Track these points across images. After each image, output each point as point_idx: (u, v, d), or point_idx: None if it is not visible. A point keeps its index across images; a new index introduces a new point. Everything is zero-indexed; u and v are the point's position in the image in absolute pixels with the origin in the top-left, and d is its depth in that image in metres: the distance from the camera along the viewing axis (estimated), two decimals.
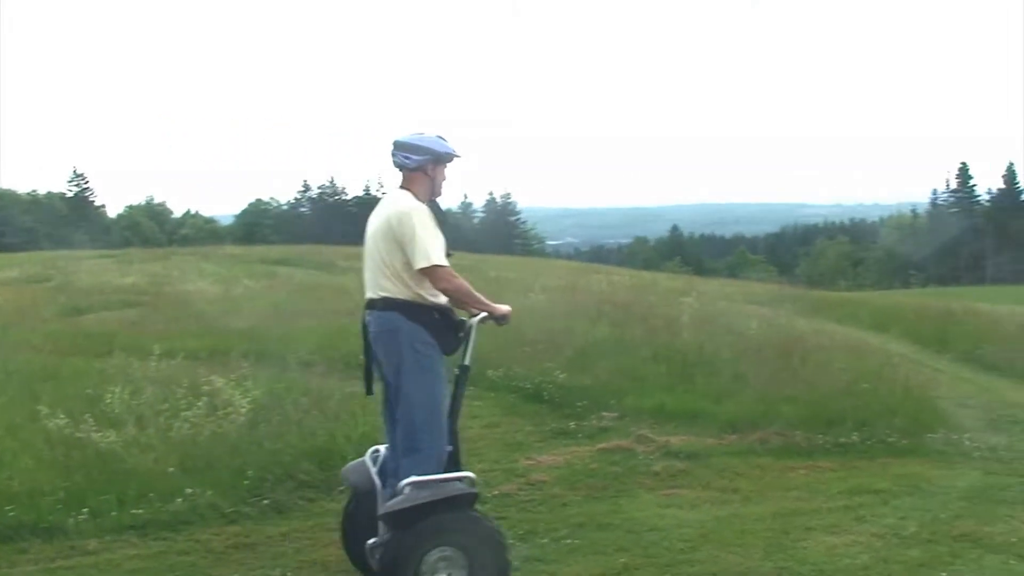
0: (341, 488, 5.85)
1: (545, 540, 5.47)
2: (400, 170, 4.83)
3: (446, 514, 4.43)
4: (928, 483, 6.72)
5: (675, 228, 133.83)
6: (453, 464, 4.73)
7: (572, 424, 8.10)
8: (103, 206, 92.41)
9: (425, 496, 4.36)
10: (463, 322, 4.89)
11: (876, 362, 9.79)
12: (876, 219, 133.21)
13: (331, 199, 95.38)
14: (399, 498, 4.39)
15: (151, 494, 5.71)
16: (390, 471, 4.74)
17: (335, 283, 22.12)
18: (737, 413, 8.12)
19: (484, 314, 4.94)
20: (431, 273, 4.62)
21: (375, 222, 4.81)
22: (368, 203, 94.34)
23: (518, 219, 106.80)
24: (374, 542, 4.60)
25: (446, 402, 4.83)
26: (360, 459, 4.99)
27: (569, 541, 5.46)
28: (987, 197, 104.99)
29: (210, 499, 5.74)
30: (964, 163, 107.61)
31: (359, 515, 4.86)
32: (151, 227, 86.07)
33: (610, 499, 6.32)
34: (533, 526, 5.74)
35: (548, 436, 7.86)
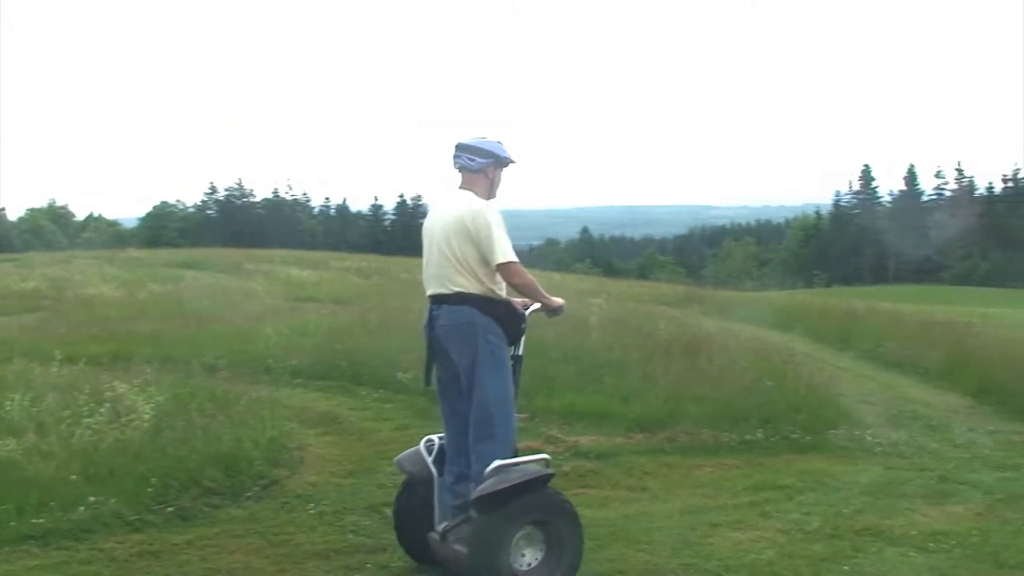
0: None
1: None
2: (461, 171, 5.05)
3: (531, 494, 4.64)
4: (831, 479, 6.86)
5: (585, 230, 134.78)
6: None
7: None
8: (3, 209, 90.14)
9: (514, 478, 4.57)
10: (524, 315, 5.12)
11: (780, 360, 9.97)
12: (782, 220, 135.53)
13: (239, 201, 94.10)
14: (490, 481, 4.56)
15: (52, 503, 5.53)
16: (449, 458, 4.99)
17: (242, 286, 21.87)
18: (645, 412, 8.20)
19: (537, 305, 5.18)
20: (506, 268, 4.82)
21: (443, 220, 4.96)
22: (276, 205, 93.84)
23: None
24: (447, 526, 4.83)
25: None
26: (414, 448, 5.16)
27: None
28: (889, 198, 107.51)
29: (113, 507, 5.59)
30: (867, 165, 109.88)
31: (413, 503, 5.07)
32: (53, 230, 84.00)
33: None
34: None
35: None
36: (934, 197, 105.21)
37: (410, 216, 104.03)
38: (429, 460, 5.03)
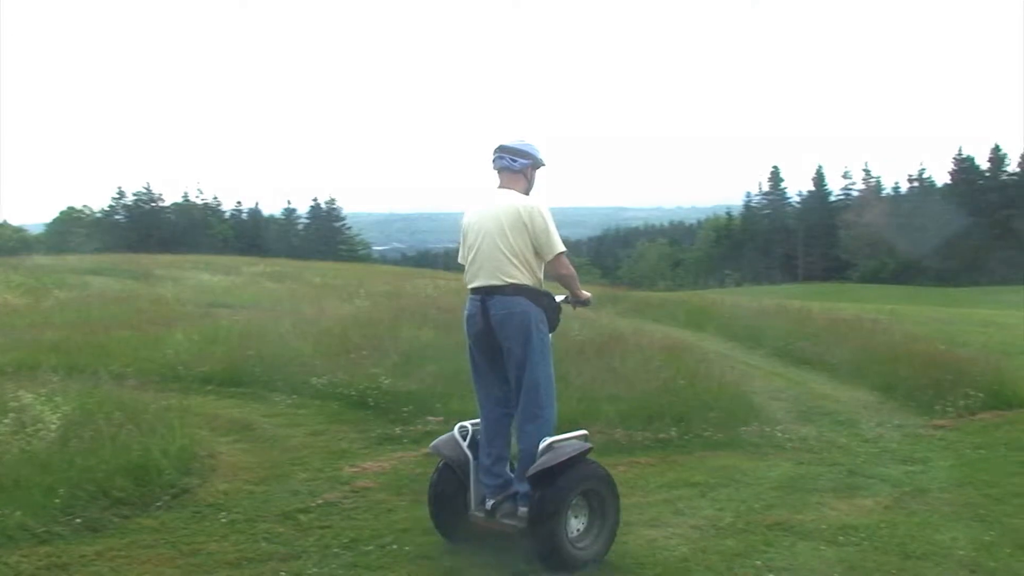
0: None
1: (370, 547, 5.40)
2: (502, 172, 5.46)
3: (578, 467, 5.14)
4: (743, 474, 6.95)
5: None
6: None
7: (398, 429, 8.06)
8: None
9: (565, 454, 5.05)
10: (560, 306, 5.58)
11: (692, 359, 10.08)
12: (694, 221, 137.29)
13: (147, 206, 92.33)
14: (544, 458, 5.05)
15: None
16: (487, 442, 5.50)
17: (151, 293, 21.47)
18: (560, 413, 8.11)
19: (566, 295, 5.70)
20: (559, 260, 5.37)
21: (496, 216, 5.30)
22: (187, 210, 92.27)
23: (343, 225, 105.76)
24: (494, 503, 5.31)
25: None
26: (448, 434, 5.65)
27: (395, 547, 5.41)
28: (798, 199, 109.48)
29: (19, 520, 5.44)
30: (776, 166, 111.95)
31: (451, 486, 5.49)
32: None
33: None
34: (358, 533, 5.65)
35: (373, 443, 7.79)
36: (842, 197, 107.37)
37: (324, 220, 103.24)
38: (464, 445, 5.51)
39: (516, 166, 5.41)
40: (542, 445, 5.15)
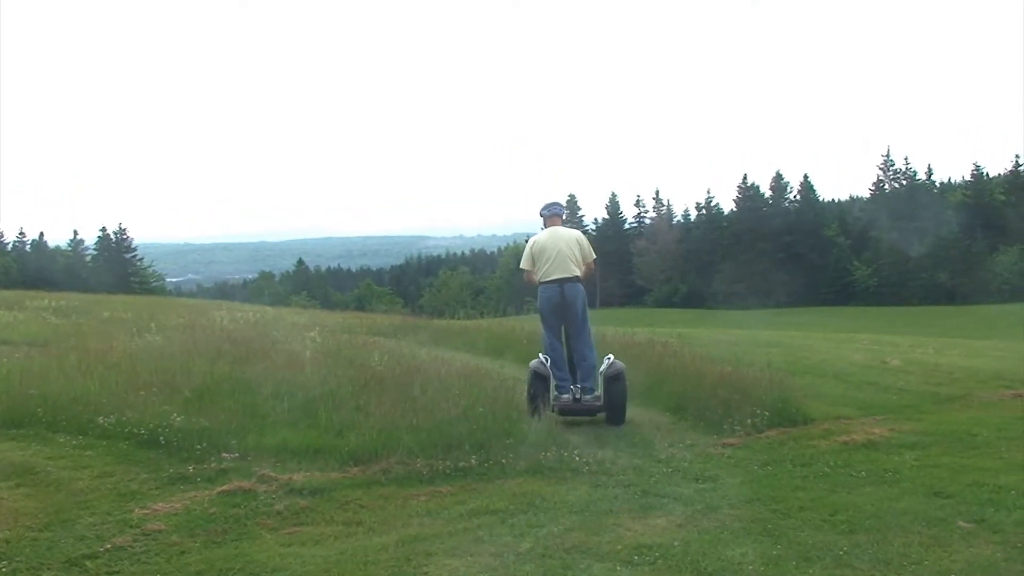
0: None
1: None
2: (553, 217, 10.59)
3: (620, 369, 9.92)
4: (542, 500, 6.99)
5: (301, 262, 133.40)
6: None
7: (191, 468, 7.78)
8: None
9: (621, 368, 9.97)
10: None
11: (492, 386, 10.12)
12: (495, 249, 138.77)
13: None
14: (613, 368, 9.90)
15: None
16: (560, 365, 10.32)
17: None
18: (360, 445, 8.14)
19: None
20: (592, 263, 10.46)
21: (566, 239, 10.20)
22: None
23: (134, 256, 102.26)
24: (579, 396, 10.05)
25: None
26: (537, 360, 10.12)
27: None
28: (593, 226, 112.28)
29: None
30: (572, 194, 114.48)
31: (540, 387, 9.88)
32: None
33: (231, 543, 6.11)
34: None
35: (165, 482, 7.48)
36: (635, 225, 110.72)
37: (113, 251, 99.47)
38: (548, 366, 10.08)
39: (560, 212, 10.83)
40: (607, 362, 10.02)
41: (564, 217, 10.75)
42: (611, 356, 10.13)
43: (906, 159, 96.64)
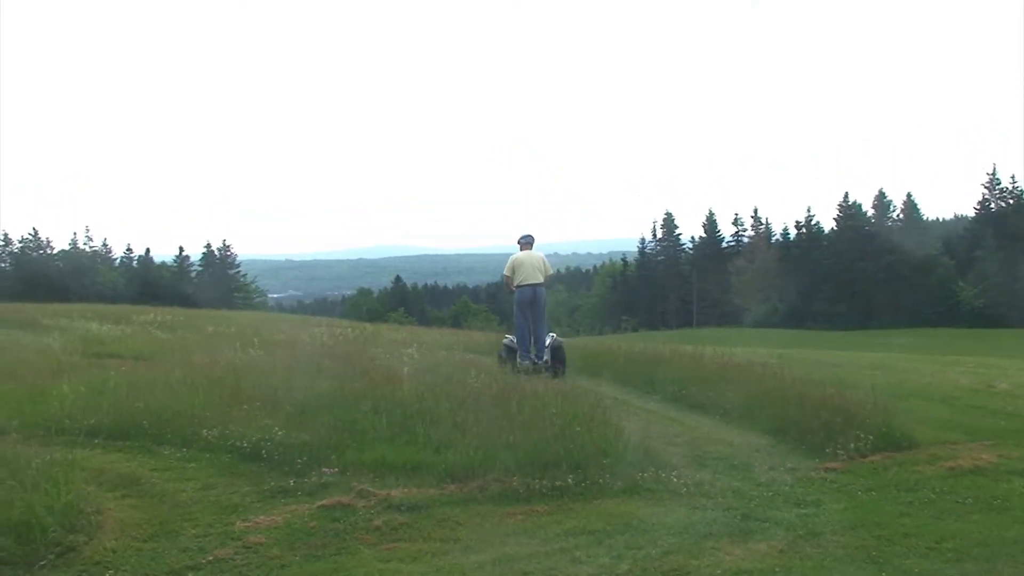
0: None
1: None
2: (527, 244, 15.12)
3: (560, 346, 14.84)
4: (639, 521, 6.93)
5: (399, 279, 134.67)
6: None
7: (291, 482, 7.90)
8: None
9: (560, 341, 15.10)
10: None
11: (588, 406, 10.05)
12: (590, 267, 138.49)
13: (34, 253, 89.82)
14: (553, 342, 14.71)
15: None
16: (525, 344, 14.61)
17: (37, 342, 20.83)
18: (457, 462, 8.17)
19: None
20: (550, 276, 15.13)
21: (533, 258, 14.84)
22: (75, 256, 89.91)
23: (238, 272, 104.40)
24: (536, 362, 14.20)
25: None
26: (510, 338, 15.02)
27: None
28: (690, 245, 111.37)
29: None
30: (669, 212, 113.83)
31: (511, 356, 14.51)
32: None
33: (330, 557, 6.19)
34: None
35: (267, 496, 7.60)
36: (733, 244, 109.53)
37: (217, 267, 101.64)
38: (514, 342, 14.72)
39: (532, 242, 15.17)
40: (548, 340, 14.57)
41: (533, 244, 15.16)
42: (554, 334, 15.09)
43: (1012, 178, 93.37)
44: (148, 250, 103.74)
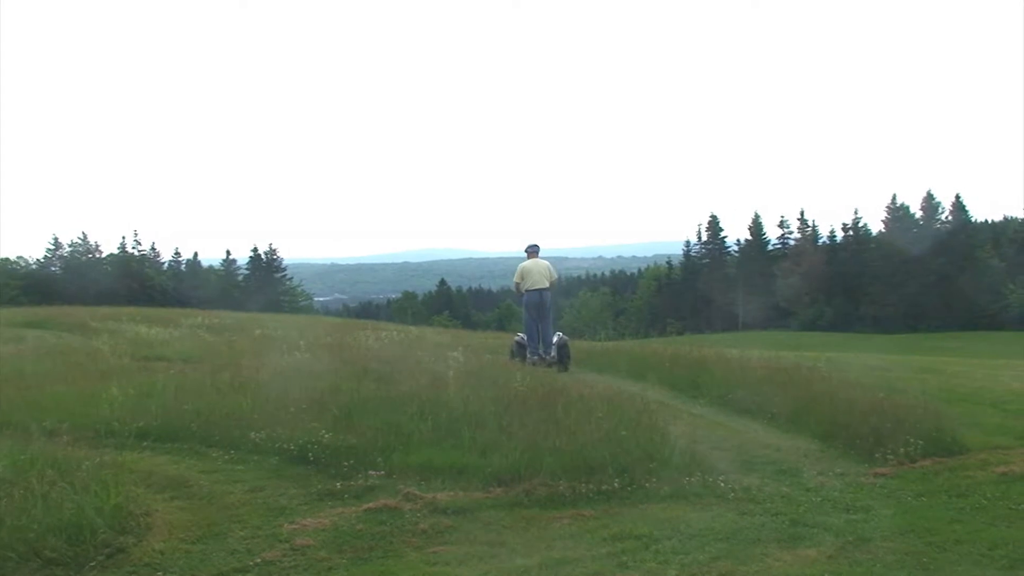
0: None
1: None
2: (531, 252, 17.17)
3: (566, 344, 16.89)
4: (686, 526, 6.89)
5: (443, 282, 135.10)
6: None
7: (338, 484, 7.93)
8: None
9: (566, 340, 17.07)
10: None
11: (634, 409, 10.02)
12: (635, 270, 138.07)
13: (84, 257, 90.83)
14: (559, 340, 16.71)
15: None
16: (534, 342, 16.54)
17: (87, 345, 21.08)
18: (503, 466, 8.16)
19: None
20: (555, 280, 17.23)
21: (540, 265, 16.90)
22: (124, 260, 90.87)
23: (284, 275, 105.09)
24: (545, 357, 16.24)
25: None
26: (520, 336, 17.02)
27: None
28: (736, 248, 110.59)
29: None
30: (714, 215, 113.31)
31: (521, 352, 16.55)
32: None
33: (377, 560, 6.21)
34: None
35: (314, 498, 7.64)
36: (779, 246, 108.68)
37: (264, 270, 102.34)
38: (524, 340, 16.68)
39: (538, 251, 17.13)
40: (555, 338, 16.58)
41: (538, 253, 17.20)
42: (560, 333, 17.01)
43: None
44: (196, 254, 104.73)
